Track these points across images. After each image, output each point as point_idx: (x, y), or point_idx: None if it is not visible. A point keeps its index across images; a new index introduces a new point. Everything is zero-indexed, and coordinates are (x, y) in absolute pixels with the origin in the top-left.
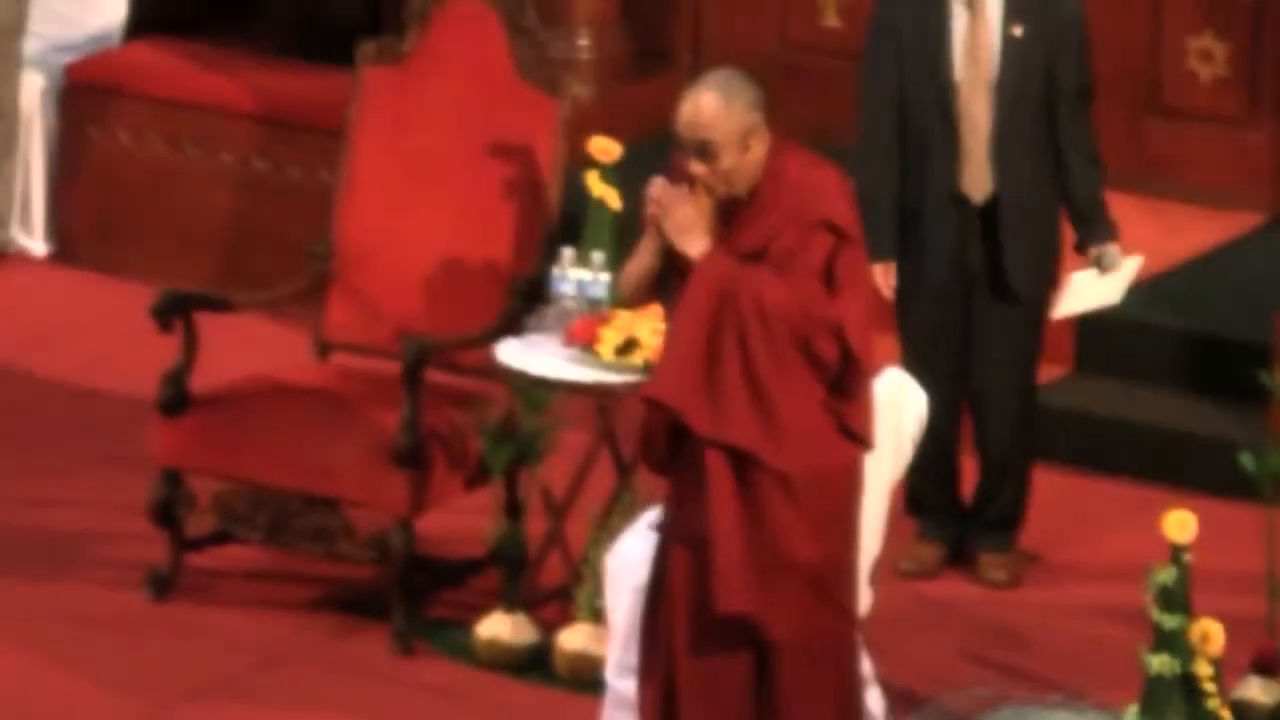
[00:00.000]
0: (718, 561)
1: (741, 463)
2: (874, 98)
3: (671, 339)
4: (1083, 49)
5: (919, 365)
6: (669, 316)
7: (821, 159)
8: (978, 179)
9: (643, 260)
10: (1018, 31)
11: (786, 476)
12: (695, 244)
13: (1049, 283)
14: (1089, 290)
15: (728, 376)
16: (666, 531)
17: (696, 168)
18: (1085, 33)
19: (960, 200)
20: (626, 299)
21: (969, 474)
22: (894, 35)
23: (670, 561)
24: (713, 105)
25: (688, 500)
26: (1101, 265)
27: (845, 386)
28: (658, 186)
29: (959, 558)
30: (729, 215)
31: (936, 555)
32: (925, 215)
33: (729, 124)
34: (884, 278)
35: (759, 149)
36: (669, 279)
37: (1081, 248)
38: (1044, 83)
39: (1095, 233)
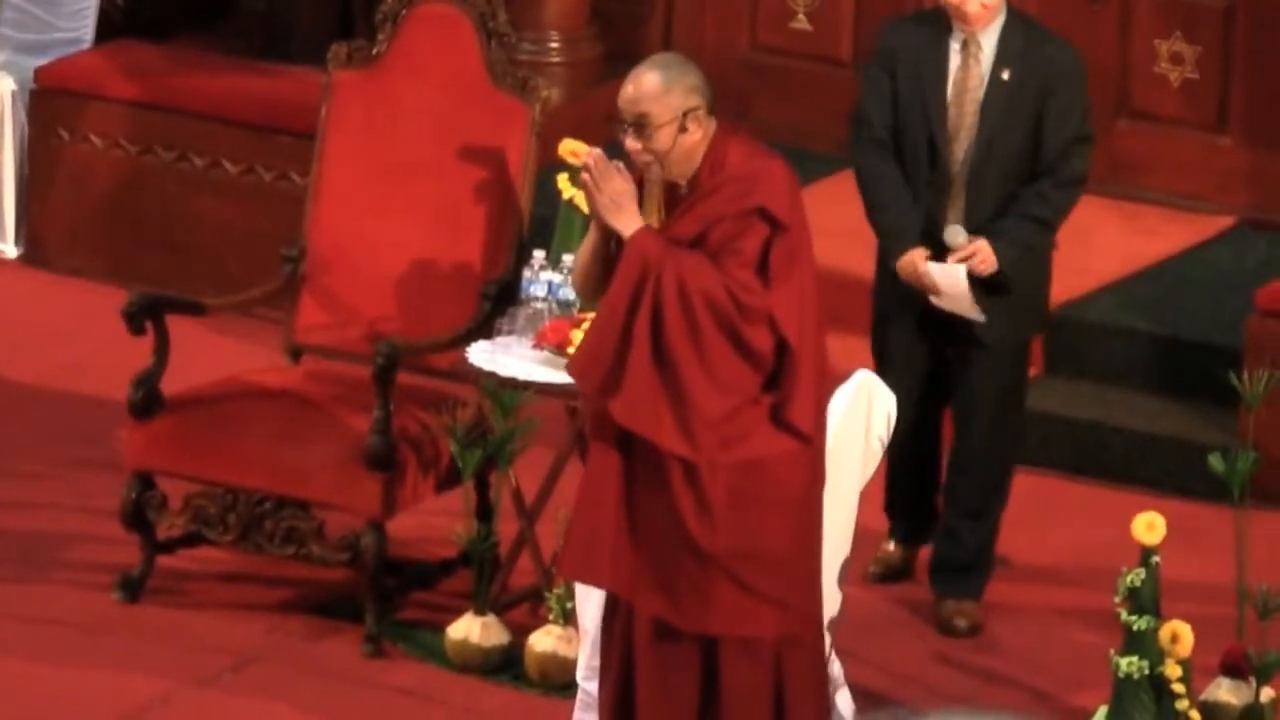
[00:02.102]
0: (572, 528)
1: (647, 445)
2: (868, 118)
3: (596, 315)
4: (1076, 100)
5: (897, 390)
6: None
7: (767, 149)
8: (952, 220)
9: (589, 243)
10: (1005, 75)
11: (690, 463)
12: (627, 221)
13: (1024, 331)
14: (941, 278)
15: (635, 356)
16: None
17: (631, 143)
18: (1081, 84)
19: (941, 240)
20: (578, 288)
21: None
22: (890, 68)
23: None
24: (653, 81)
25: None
26: (946, 238)
27: (783, 378)
28: (591, 156)
29: (916, 543)
30: (671, 204)
31: (905, 556)
32: None
33: (667, 100)
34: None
35: (696, 134)
36: (614, 263)
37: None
38: (1030, 131)
39: (980, 232)
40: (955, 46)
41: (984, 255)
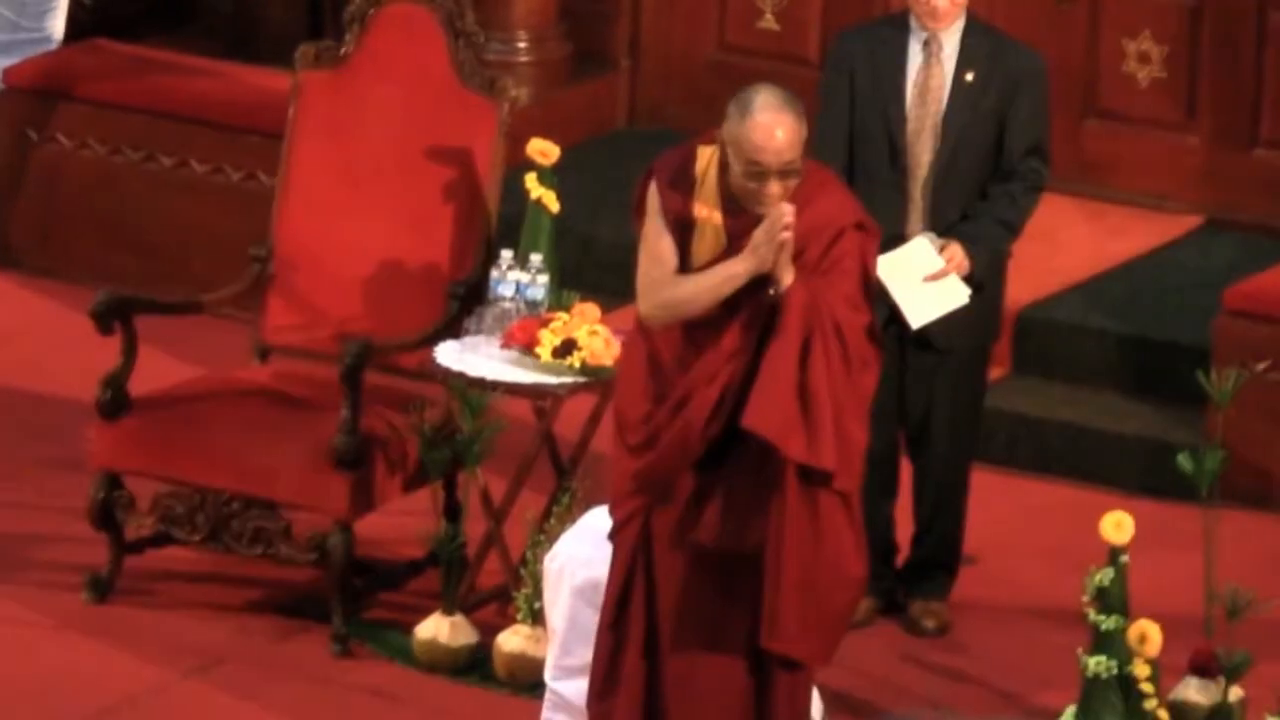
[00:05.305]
0: (782, 594)
1: (812, 485)
2: (826, 135)
3: (766, 366)
4: (1039, 105)
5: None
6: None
7: (813, 161)
8: (915, 224)
9: (721, 283)
10: (969, 76)
11: (847, 495)
12: (789, 271)
13: (984, 335)
14: (904, 268)
15: (819, 400)
16: (679, 540)
17: (775, 189)
18: (1045, 90)
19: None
20: (676, 314)
21: (903, 527)
22: (848, 72)
23: (662, 568)
24: (794, 128)
25: (738, 510)
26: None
27: (867, 386)
28: (791, 214)
29: (891, 609)
30: (739, 232)
31: (868, 606)
32: None
33: (802, 142)
34: None
35: None
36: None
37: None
38: (993, 135)
39: (954, 234)
40: (916, 47)
41: (959, 260)
